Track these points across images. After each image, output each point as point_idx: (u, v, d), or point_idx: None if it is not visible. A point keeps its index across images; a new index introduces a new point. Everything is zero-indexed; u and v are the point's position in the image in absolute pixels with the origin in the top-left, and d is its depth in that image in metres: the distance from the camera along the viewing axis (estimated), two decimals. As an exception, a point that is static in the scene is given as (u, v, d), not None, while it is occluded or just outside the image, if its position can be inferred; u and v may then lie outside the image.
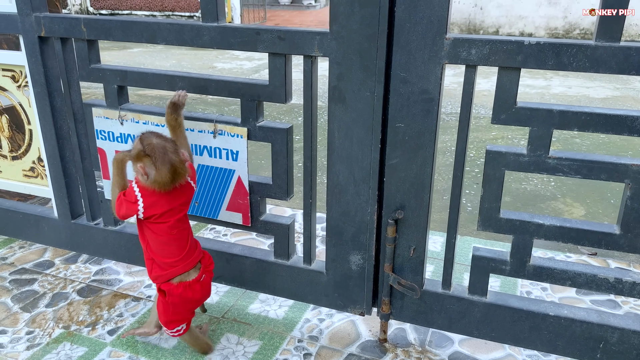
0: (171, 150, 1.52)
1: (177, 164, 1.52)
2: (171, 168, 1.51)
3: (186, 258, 1.64)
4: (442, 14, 1.45)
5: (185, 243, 1.64)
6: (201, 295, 1.70)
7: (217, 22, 1.69)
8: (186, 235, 1.65)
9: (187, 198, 1.64)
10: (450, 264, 1.75)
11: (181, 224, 1.63)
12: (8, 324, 2.00)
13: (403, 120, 1.58)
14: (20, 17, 1.93)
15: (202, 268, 1.69)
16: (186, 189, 1.62)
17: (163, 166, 1.50)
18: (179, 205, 1.61)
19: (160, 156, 1.50)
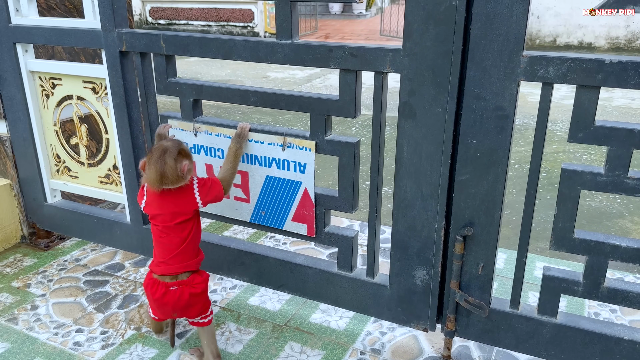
0: (169, 155, 1.62)
1: (166, 169, 1.61)
2: (158, 170, 1.62)
3: (169, 263, 1.72)
4: (519, 32, 1.44)
5: (172, 250, 1.71)
6: (164, 302, 1.73)
7: (291, 39, 1.74)
8: (176, 244, 1.71)
9: (181, 209, 1.70)
10: (520, 283, 1.72)
11: (171, 232, 1.70)
12: (84, 323, 2.11)
13: (475, 137, 1.58)
14: (103, 33, 2.05)
15: (182, 285, 1.72)
16: (184, 201, 1.70)
17: (152, 166, 1.63)
18: (170, 213, 1.69)
19: (154, 157, 1.63)
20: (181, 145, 1.69)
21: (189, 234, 1.73)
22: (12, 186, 2.65)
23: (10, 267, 2.52)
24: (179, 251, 1.72)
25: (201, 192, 1.72)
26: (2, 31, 2.32)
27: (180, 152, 1.65)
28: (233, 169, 1.86)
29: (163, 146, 1.65)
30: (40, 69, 2.35)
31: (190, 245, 1.74)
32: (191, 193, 1.71)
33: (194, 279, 1.75)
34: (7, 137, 2.55)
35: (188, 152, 1.71)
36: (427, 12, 1.51)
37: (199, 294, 1.75)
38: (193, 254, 1.77)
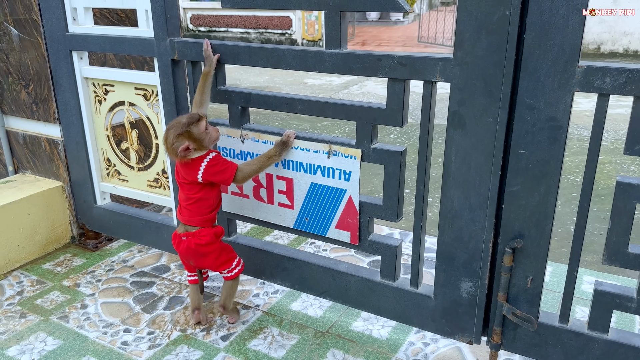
0: (172, 132, 1.80)
1: (166, 144, 1.83)
2: (163, 141, 1.85)
3: (182, 212, 1.96)
4: (574, 42, 1.42)
5: (183, 202, 1.95)
6: (177, 250, 1.99)
7: (340, 49, 1.76)
8: (185, 199, 1.93)
9: (186, 175, 1.88)
10: (570, 297, 1.68)
11: (183, 188, 1.93)
12: (131, 323, 2.17)
13: (527, 147, 1.55)
14: (156, 42, 2.12)
15: (189, 236, 1.94)
16: (189, 169, 1.86)
17: (164, 134, 1.86)
18: (181, 173, 1.89)
19: (167, 127, 1.86)
20: (189, 126, 1.80)
21: (196, 196, 1.91)
22: (64, 188, 2.76)
23: (61, 266, 2.62)
24: (187, 205, 1.93)
25: (206, 170, 1.85)
26: (59, 39, 2.43)
27: (183, 134, 1.79)
28: (259, 168, 1.92)
29: (176, 121, 1.84)
30: (94, 75, 2.44)
31: (196, 205, 1.92)
32: (198, 166, 1.85)
33: (201, 232, 1.94)
34: (60, 140, 2.66)
35: (195, 133, 1.81)
36: (479, 21, 1.50)
37: (203, 244, 1.93)
38: (200, 214, 1.93)
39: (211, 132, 1.87)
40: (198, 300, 2.13)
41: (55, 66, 2.51)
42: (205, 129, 1.84)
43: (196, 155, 1.84)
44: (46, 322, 2.18)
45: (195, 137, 1.81)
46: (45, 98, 2.63)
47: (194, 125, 1.81)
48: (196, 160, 1.85)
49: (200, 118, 1.83)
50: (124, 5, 2.21)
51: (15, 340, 2.07)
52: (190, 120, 1.81)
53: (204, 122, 1.84)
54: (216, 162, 1.86)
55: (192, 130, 1.80)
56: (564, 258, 2.90)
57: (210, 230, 1.95)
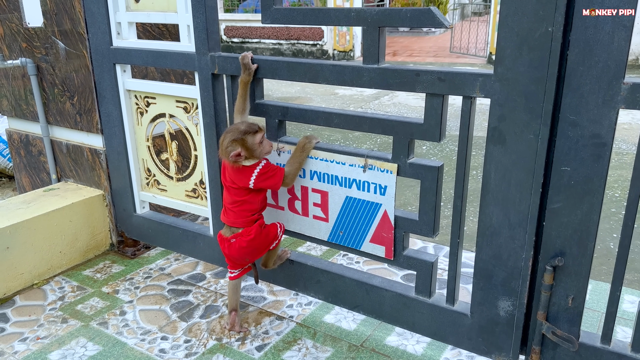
0: (228, 137, 1.86)
1: (221, 147, 1.88)
2: (220, 141, 1.90)
3: (227, 213, 2.02)
4: (620, 58, 1.40)
5: (229, 204, 2.00)
6: (228, 252, 2.04)
7: (378, 64, 1.77)
8: (231, 202, 1.98)
9: (236, 181, 1.93)
10: (613, 317, 1.64)
11: (230, 191, 1.98)
12: (168, 330, 2.21)
13: (569, 164, 1.53)
14: (197, 56, 2.18)
15: (238, 236, 1.99)
16: (240, 175, 1.91)
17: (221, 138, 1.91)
18: (230, 178, 1.95)
19: (225, 131, 1.91)
20: (245, 134, 1.85)
21: (242, 199, 1.96)
22: (105, 197, 2.84)
23: (100, 273, 2.69)
24: (232, 207, 1.99)
25: (258, 177, 1.90)
26: (104, 53, 2.51)
27: (238, 140, 1.85)
28: (299, 163, 2.00)
29: (235, 126, 1.89)
30: (137, 88, 2.52)
31: (241, 207, 1.97)
32: (250, 174, 1.90)
33: (247, 230, 1.99)
34: (102, 150, 2.75)
35: (249, 142, 1.86)
36: (521, 38, 1.49)
37: (254, 239, 1.99)
38: (244, 216, 1.99)
39: (265, 146, 1.91)
40: (237, 301, 2.18)
41: (99, 78, 2.60)
42: (260, 141, 1.88)
43: (247, 164, 1.90)
44: (86, 327, 2.25)
45: (249, 146, 1.86)
46: (88, 109, 2.72)
47: (250, 135, 1.86)
48: (248, 168, 1.91)
49: (258, 130, 1.88)
50: (167, 21, 2.28)
51: (57, 344, 2.14)
52: (247, 129, 1.86)
53: (260, 134, 1.88)
54: (267, 169, 1.92)
55: (247, 139, 1.85)
56: (603, 276, 2.83)
57: (254, 226, 2.00)
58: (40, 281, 2.61)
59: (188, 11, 2.15)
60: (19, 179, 3.35)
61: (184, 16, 2.18)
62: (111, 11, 2.42)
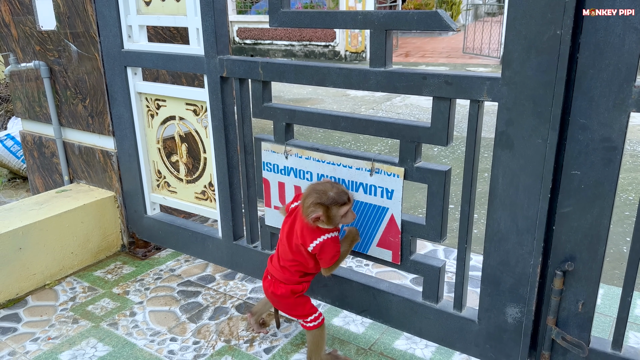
0: (312, 196, 1.75)
1: (304, 203, 1.77)
2: (303, 197, 1.79)
3: (273, 264, 1.94)
4: (631, 61, 1.38)
5: (279, 259, 1.92)
6: (263, 285, 1.98)
7: (385, 67, 1.76)
8: (282, 251, 1.90)
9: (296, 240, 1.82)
10: (624, 323, 1.62)
11: (284, 245, 1.88)
12: (178, 332, 2.22)
13: (579, 168, 1.51)
14: (206, 59, 2.19)
15: (272, 280, 1.92)
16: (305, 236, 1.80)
17: (307, 191, 1.79)
18: (289, 233, 1.87)
19: (312, 186, 1.80)
20: (332, 203, 1.73)
21: (295, 259, 1.86)
22: (116, 198, 2.87)
23: (111, 274, 2.72)
24: (282, 261, 1.89)
25: (321, 246, 1.79)
26: (115, 56, 2.54)
27: (322, 205, 1.73)
28: (344, 255, 1.88)
29: (326, 186, 1.77)
30: (147, 90, 2.54)
31: (291, 265, 1.87)
32: (315, 237, 1.78)
33: (280, 285, 1.91)
34: (114, 152, 2.78)
35: (333, 212, 1.74)
36: (529, 41, 1.47)
37: (278, 295, 1.90)
38: (289, 275, 1.88)
39: (347, 218, 1.78)
40: (262, 309, 2.19)
41: (110, 81, 2.63)
42: (344, 214, 1.76)
43: (321, 225, 1.78)
44: (97, 328, 2.27)
45: (331, 215, 1.74)
46: (100, 111, 2.75)
47: (336, 206, 1.74)
48: (316, 231, 1.79)
49: (346, 202, 1.75)
50: (176, 24, 2.30)
51: (68, 345, 2.16)
52: (337, 198, 1.74)
53: (347, 207, 1.76)
54: (332, 244, 1.80)
55: (332, 208, 1.74)
56: (615, 280, 2.79)
57: (288, 286, 1.89)
58: (52, 282, 2.64)
59: (197, 14, 2.16)
60: (32, 180, 3.40)
61: (193, 19, 2.19)
62: (122, 14, 2.44)
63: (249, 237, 2.37)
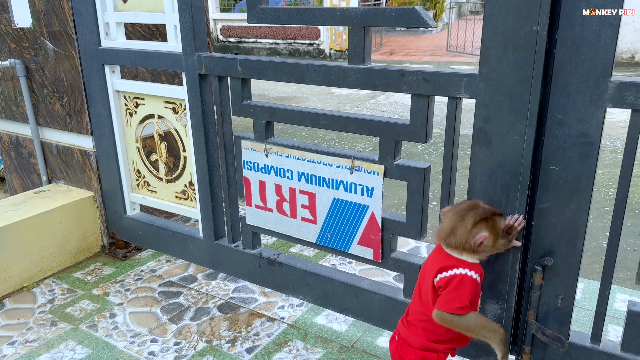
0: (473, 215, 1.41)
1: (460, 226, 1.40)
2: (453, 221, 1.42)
3: (403, 321, 1.57)
4: (606, 57, 1.38)
5: (412, 308, 1.54)
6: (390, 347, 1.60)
7: (363, 64, 1.76)
8: (415, 303, 1.53)
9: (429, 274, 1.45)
10: (602, 317, 1.63)
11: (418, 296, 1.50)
12: (158, 333, 2.20)
13: (557, 164, 1.52)
14: (184, 57, 2.16)
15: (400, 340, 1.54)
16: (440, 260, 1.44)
17: (451, 216, 1.45)
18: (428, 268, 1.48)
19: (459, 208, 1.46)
20: (494, 214, 1.44)
21: (422, 313, 1.47)
22: (96, 198, 2.83)
23: (91, 275, 2.68)
24: (414, 317, 1.49)
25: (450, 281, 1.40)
26: (92, 53, 2.50)
27: (487, 221, 1.40)
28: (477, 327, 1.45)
29: (475, 203, 1.45)
30: (125, 88, 2.50)
31: (419, 324, 1.48)
32: (451, 266, 1.42)
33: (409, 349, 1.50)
34: (92, 152, 2.73)
35: (498, 226, 1.44)
36: (506, 37, 1.47)
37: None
38: (417, 336, 1.48)
39: (513, 232, 1.53)
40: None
41: (88, 79, 2.58)
42: (509, 227, 1.51)
43: (464, 257, 1.42)
44: (76, 330, 2.23)
45: (497, 229, 1.42)
46: (78, 110, 2.71)
47: (498, 217, 1.44)
48: (455, 261, 1.42)
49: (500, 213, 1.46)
50: (154, 21, 2.26)
51: (45, 348, 2.12)
52: (493, 208, 1.45)
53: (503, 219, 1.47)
54: (469, 286, 1.39)
55: (496, 220, 1.43)
56: (596, 274, 2.82)
57: (418, 353, 1.49)
58: (30, 284, 2.59)
59: (175, 11, 2.13)
60: (9, 180, 3.34)
61: (171, 16, 2.16)
62: (99, 11, 2.40)
63: (230, 236, 2.35)
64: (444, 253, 1.45)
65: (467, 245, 1.39)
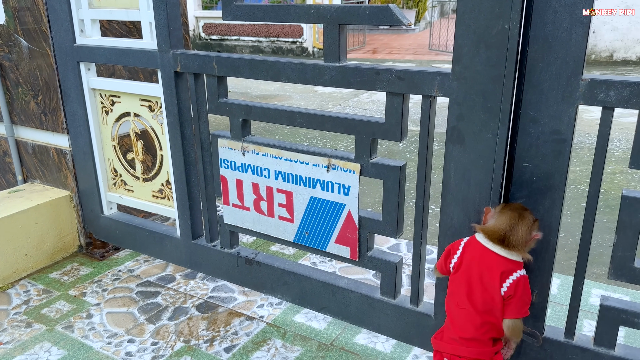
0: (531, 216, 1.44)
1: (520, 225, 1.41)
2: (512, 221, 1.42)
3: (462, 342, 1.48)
4: (578, 55, 1.40)
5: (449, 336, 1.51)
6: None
7: (339, 62, 1.75)
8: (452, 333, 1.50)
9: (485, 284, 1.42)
10: (576, 312, 1.65)
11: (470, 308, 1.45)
12: (135, 333, 2.17)
13: (531, 161, 1.53)
14: (159, 54, 2.14)
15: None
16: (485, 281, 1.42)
17: (508, 215, 1.44)
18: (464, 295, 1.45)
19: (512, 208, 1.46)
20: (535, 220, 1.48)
21: (486, 323, 1.43)
22: (72, 197, 2.78)
23: (68, 275, 2.64)
24: (470, 337, 1.44)
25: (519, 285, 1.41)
26: (67, 51, 2.46)
27: (535, 219, 1.47)
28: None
29: (520, 205, 1.49)
30: (101, 86, 2.47)
31: (485, 336, 1.44)
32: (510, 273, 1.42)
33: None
34: (68, 150, 2.69)
35: (537, 226, 1.48)
36: (478, 35, 1.48)
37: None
38: (484, 347, 1.45)
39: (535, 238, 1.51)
40: None
41: (63, 77, 2.54)
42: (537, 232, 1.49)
43: (512, 256, 1.43)
44: (51, 331, 2.20)
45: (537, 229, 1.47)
46: (53, 108, 2.66)
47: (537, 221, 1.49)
48: (510, 264, 1.42)
49: None
50: (129, 18, 2.23)
51: (20, 349, 2.09)
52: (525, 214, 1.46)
53: None
54: (528, 285, 1.44)
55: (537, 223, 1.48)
56: (572, 270, 2.85)
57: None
58: (4, 285, 2.54)
59: (150, 8, 2.11)
60: (-16, 180, 3.27)
61: (146, 13, 2.14)
62: (74, 8, 2.36)
63: (208, 236, 2.33)
64: (493, 255, 1.42)
65: (527, 243, 1.42)
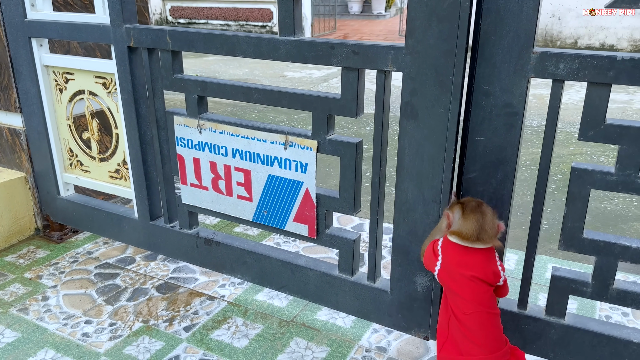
0: (487, 207, 1.43)
1: (486, 220, 1.41)
2: (478, 221, 1.41)
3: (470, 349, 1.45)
4: (529, 28, 1.41)
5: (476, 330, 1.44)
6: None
7: (294, 36, 1.73)
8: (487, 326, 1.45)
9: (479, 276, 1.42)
10: (528, 283, 1.69)
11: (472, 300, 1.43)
12: (93, 314, 2.13)
13: (484, 134, 1.55)
14: (112, 28, 2.07)
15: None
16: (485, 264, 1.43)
17: (471, 217, 1.41)
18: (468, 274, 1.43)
19: (471, 207, 1.43)
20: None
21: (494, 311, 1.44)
22: (27, 179, 2.70)
23: (24, 258, 2.57)
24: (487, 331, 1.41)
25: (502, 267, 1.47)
26: (18, 26, 2.36)
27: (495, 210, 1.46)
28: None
29: (476, 200, 1.47)
30: (54, 63, 2.38)
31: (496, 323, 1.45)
32: (493, 259, 1.45)
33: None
34: (22, 130, 2.60)
35: None
36: (430, 8, 1.48)
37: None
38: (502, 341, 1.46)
39: None
40: None
41: (14, 53, 2.44)
42: None
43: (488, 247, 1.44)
44: (5, 314, 2.14)
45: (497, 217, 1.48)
46: (5, 86, 2.56)
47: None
48: (491, 253, 1.45)
49: None
50: (81, -9, 2.16)
51: (-29, 334, 2.03)
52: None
53: None
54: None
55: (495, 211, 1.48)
56: (531, 247, 2.92)
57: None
58: (-44, 270, 2.46)
59: (101, -20, 2.04)
60: None
61: (98, -14, 2.07)
62: (23, -19, 2.27)
63: (167, 216, 2.29)
64: (474, 251, 1.43)
65: (496, 235, 1.43)
